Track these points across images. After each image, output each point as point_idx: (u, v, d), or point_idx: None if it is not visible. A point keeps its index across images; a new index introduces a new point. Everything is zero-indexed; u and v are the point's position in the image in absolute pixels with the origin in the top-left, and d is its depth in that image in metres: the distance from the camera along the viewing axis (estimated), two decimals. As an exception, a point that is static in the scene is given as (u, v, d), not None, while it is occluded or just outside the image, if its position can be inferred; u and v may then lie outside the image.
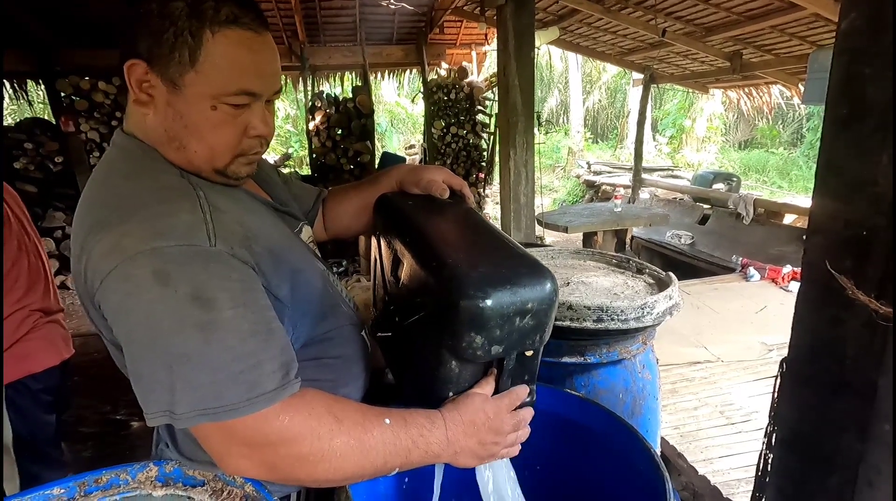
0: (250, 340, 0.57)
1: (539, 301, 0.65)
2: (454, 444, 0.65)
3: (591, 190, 9.03)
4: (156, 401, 0.56)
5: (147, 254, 0.55)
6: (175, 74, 0.62)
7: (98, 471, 0.82)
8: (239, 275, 0.59)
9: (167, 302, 0.54)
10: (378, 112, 5.80)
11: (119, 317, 0.57)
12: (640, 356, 1.24)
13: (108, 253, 0.57)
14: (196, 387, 0.55)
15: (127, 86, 0.65)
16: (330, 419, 0.59)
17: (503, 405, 0.69)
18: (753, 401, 1.97)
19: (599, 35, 5.17)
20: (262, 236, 0.67)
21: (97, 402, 2.86)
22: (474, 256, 0.68)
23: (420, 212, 0.82)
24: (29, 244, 1.48)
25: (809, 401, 0.97)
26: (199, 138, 0.66)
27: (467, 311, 0.61)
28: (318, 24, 5.35)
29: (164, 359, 0.55)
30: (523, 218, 2.65)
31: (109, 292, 0.57)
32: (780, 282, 3.29)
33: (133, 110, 0.67)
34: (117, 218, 0.59)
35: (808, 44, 4.07)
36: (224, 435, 0.57)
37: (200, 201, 0.62)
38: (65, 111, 4.65)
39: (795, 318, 0.98)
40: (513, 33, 2.40)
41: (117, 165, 0.67)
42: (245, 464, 0.59)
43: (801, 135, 13.51)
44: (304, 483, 0.68)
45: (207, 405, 0.55)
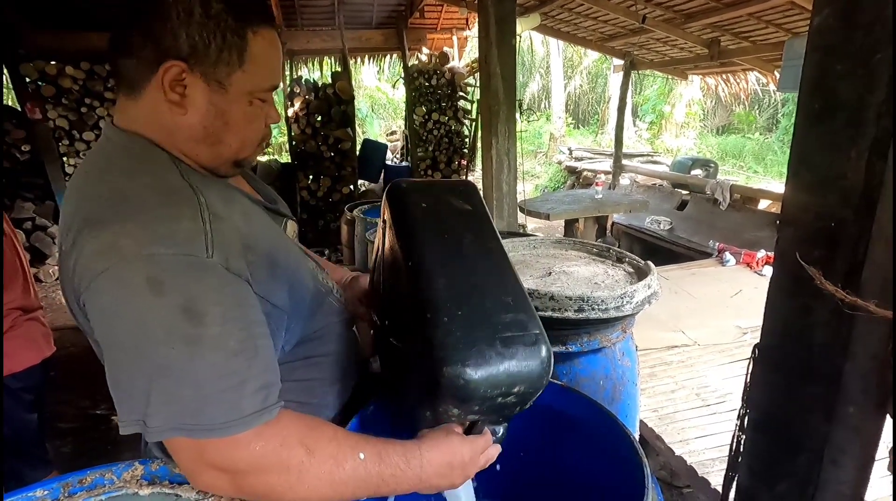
0: (234, 359, 0.56)
1: (528, 384, 0.63)
2: (425, 482, 0.66)
3: (573, 176, 9.09)
4: (130, 410, 0.55)
5: (144, 259, 0.54)
6: (222, 74, 0.64)
7: (82, 471, 0.81)
8: (231, 289, 0.59)
9: (157, 312, 0.54)
10: (358, 97, 5.71)
11: (105, 319, 0.56)
12: (619, 344, 1.27)
13: (102, 252, 0.55)
14: (174, 401, 0.54)
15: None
16: (301, 452, 0.58)
17: (478, 448, 0.70)
18: (727, 383, 2.04)
19: (580, 21, 5.16)
20: (260, 243, 0.67)
21: (76, 397, 2.81)
22: (471, 318, 0.64)
23: (432, 230, 0.75)
24: (5, 241, 1.44)
25: (779, 385, 1.01)
26: (236, 133, 0.68)
27: (449, 386, 0.60)
28: (295, 6, 5.21)
29: (146, 369, 0.54)
30: (506, 206, 2.66)
31: (99, 292, 0.55)
32: (755, 266, 3.38)
33: (143, 107, 0.65)
34: (116, 216, 0.57)
35: (784, 31, 4.13)
36: (195, 453, 0.56)
37: (202, 207, 0.61)
38: (31, 97, 4.46)
39: (767, 306, 1.02)
40: (494, 20, 2.38)
41: (117, 160, 0.65)
42: (214, 483, 0.58)
43: (776, 120, 13.78)
44: None
45: (184, 421, 0.54)
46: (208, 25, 0.62)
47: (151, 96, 0.64)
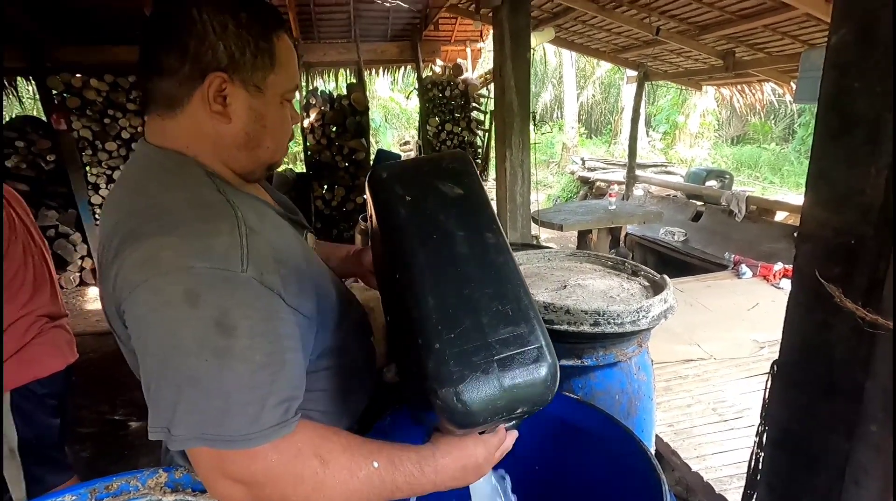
0: (260, 372, 0.57)
1: (531, 404, 0.60)
2: (440, 486, 0.66)
3: (586, 186, 9.07)
4: (158, 417, 0.56)
5: (182, 271, 0.56)
6: (259, 78, 0.68)
7: (108, 478, 0.84)
8: (263, 303, 0.60)
9: (191, 323, 0.55)
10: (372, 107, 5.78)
11: (141, 328, 0.58)
12: (635, 358, 1.27)
13: (142, 264, 0.58)
14: (198, 411, 0.55)
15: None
16: (316, 463, 0.59)
17: (493, 447, 0.69)
18: (745, 398, 2.01)
19: (594, 33, 5.18)
20: (290, 256, 0.68)
21: (95, 402, 2.86)
22: (465, 339, 0.59)
23: (418, 234, 0.68)
24: (34, 249, 1.48)
25: (799, 402, 1.00)
26: (273, 135, 0.73)
27: (446, 414, 0.58)
28: (312, 20, 5.32)
29: (175, 378, 0.55)
30: (519, 218, 2.67)
31: (137, 302, 0.57)
32: (772, 279, 3.34)
33: (182, 123, 0.68)
34: (156, 230, 0.60)
35: (800, 43, 4.11)
36: (215, 463, 0.57)
37: (238, 222, 0.62)
38: (56, 109, 4.59)
39: (786, 322, 1.01)
40: (509, 34, 2.41)
41: (154, 175, 0.67)
42: (231, 494, 0.59)
43: (792, 130, 13.62)
44: None
45: (206, 431, 0.55)
46: (242, 35, 0.66)
47: (193, 111, 0.67)
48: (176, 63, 0.65)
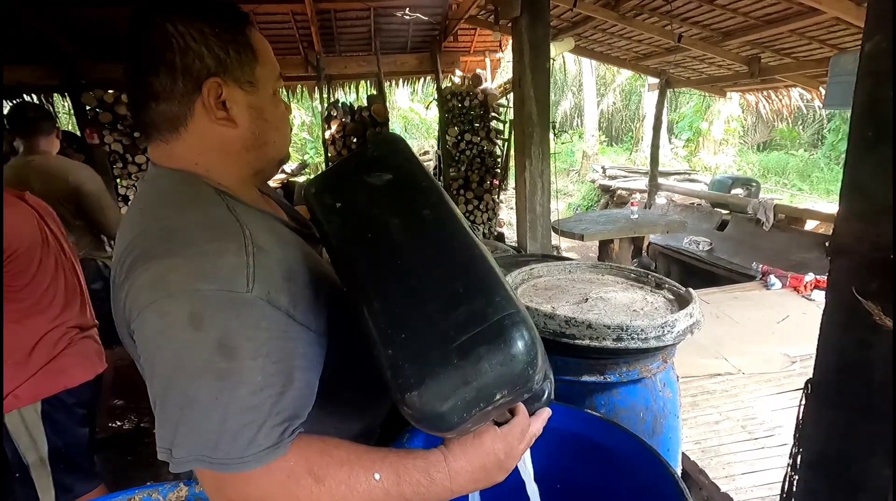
0: (261, 393, 0.56)
1: (511, 384, 0.53)
2: (458, 492, 0.62)
3: (607, 195, 8.96)
4: (162, 438, 0.57)
5: (188, 294, 0.56)
6: (249, 73, 0.68)
7: (130, 491, 0.85)
8: (268, 324, 0.59)
9: (194, 347, 0.55)
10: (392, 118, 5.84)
11: (149, 350, 0.58)
12: (660, 375, 1.23)
13: (150, 285, 0.58)
14: (197, 433, 0.55)
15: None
16: (310, 482, 0.57)
17: (515, 437, 0.64)
18: (777, 415, 1.93)
19: (614, 41, 5.15)
20: (300, 272, 0.67)
21: (124, 410, 2.92)
22: (416, 337, 0.55)
23: (353, 239, 0.65)
24: (65, 262, 1.52)
25: (836, 423, 0.96)
26: (277, 128, 0.73)
27: (420, 421, 0.54)
28: (333, 34, 5.42)
29: (177, 400, 0.55)
30: (539, 228, 2.65)
31: (145, 323, 0.58)
32: (803, 291, 3.22)
33: (188, 140, 0.68)
34: (165, 251, 0.60)
35: (829, 47, 4.00)
36: (215, 485, 0.57)
37: (246, 240, 0.61)
38: (90, 124, 4.77)
39: (821, 339, 0.97)
40: (528, 45, 2.41)
41: (166, 197, 0.67)
42: None
43: (821, 136, 13.24)
44: None
45: (205, 453, 0.54)
46: (221, 36, 0.66)
47: (197, 125, 0.67)
48: (168, 83, 0.64)
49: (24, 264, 1.38)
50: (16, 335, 1.39)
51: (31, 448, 1.43)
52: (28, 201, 1.45)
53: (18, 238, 1.36)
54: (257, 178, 0.76)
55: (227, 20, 0.67)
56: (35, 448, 1.44)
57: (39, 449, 1.44)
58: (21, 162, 2.29)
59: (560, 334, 1.17)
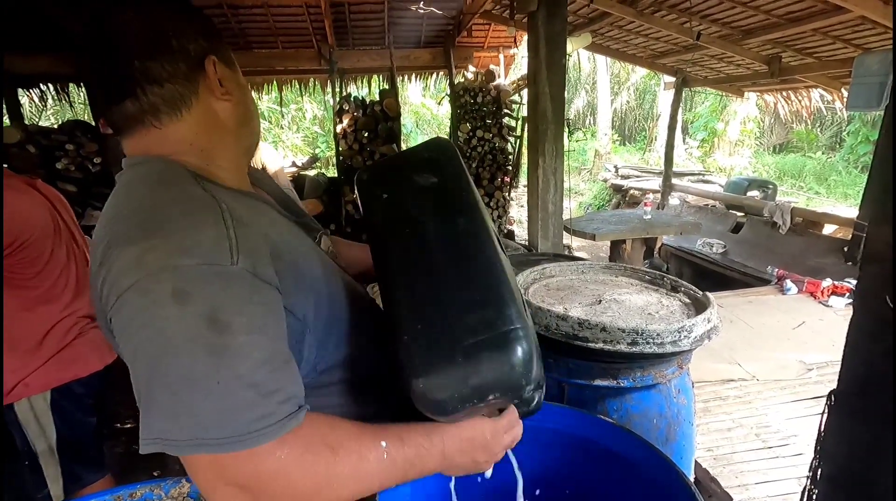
0: (261, 369, 0.54)
1: (502, 389, 0.59)
2: (449, 460, 0.65)
3: (619, 194, 8.88)
4: (150, 426, 0.52)
5: (169, 270, 0.53)
6: (228, 52, 0.69)
7: (133, 485, 0.84)
8: (260, 298, 0.57)
9: (182, 322, 0.51)
10: (404, 113, 5.81)
11: (129, 332, 0.54)
12: (675, 381, 1.20)
13: (128, 268, 0.54)
14: (196, 414, 0.51)
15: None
16: (326, 453, 0.56)
17: (501, 427, 0.68)
18: (792, 424, 1.88)
19: (631, 38, 5.07)
20: (287, 250, 0.65)
21: (130, 399, 2.94)
22: (432, 331, 0.61)
23: (393, 231, 0.71)
24: (77, 252, 1.52)
25: (861, 438, 0.92)
26: (253, 104, 0.74)
27: (421, 404, 0.60)
28: (347, 27, 5.40)
29: (168, 381, 0.51)
30: (551, 227, 2.61)
31: (126, 306, 0.54)
32: (819, 296, 3.15)
33: (190, 121, 0.67)
34: (141, 232, 0.57)
35: (853, 47, 3.90)
36: (215, 471, 0.53)
37: (224, 213, 0.59)
38: (104, 114, 4.81)
39: (847, 349, 0.93)
40: (544, 40, 2.36)
41: (142, 179, 0.65)
42: (232, 496, 0.54)
43: (840, 139, 12.99)
44: None
45: (207, 436, 0.50)
46: (201, 19, 0.68)
47: (201, 103, 0.67)
48: (169, 66, 0.63)
49: (36, 253, 1.37)
50: (27, 324, 1.39)
51: (40, 437, 1.44)
52: (40, 188, 1.45)
53: (30, 226, 1.35)
54: (247, 156, 0.76)
55: (196, 9, 0.68)
56: (44, 437, 1.44)
57: (48, 438, 1.44)
58: None
59: (573, 336, 1.14)
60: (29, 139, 4.68)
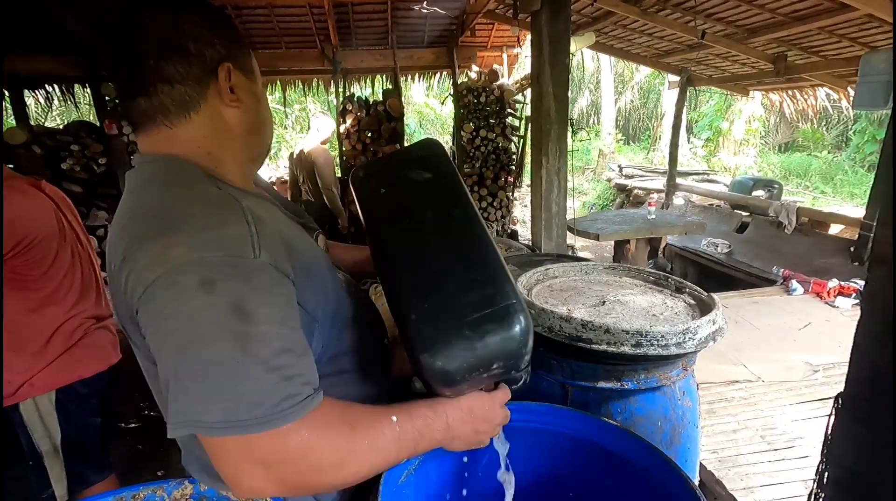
0: (284, 355, 0.56)
1: (506, 358, 0.65)
2: (452, 430, 0.69)
3: (623, 194, 8.84)
4: (180, 411, 0.54)
5: (194, 263, 0.55)
6: (247, 62, 0.72)
7: (136, 487, 0.84)
8: (280, 289, 0.60)
9: (209, 310, 0.54)
10: (407, 113, 5.80)
11: (158, 322, 0.56)
12: (679, 383, 1.19)
13: (153, 263, 0.56)
14: (226, 398, 0.53)
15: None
16: (346, 429, 0.60)
17: (497, 400, 0.74)
18: (797, 426, 1.87)
19: (635, 37, 5.05)
20: (298, 248, 0.68)
21: (135, 399, 2.96)
22: (437, 308, 0.65)
23: (389, 212, 0.77)
24: (82, 253, 1.52)
25: (868, 442, 0.91)
26: (267, 110, 0.77)
27: (431, 376, 0.64)
28: (350, 28, 5.40)
29: (197, 366, 0.54)
30: (554, 227, 2.60)
31: (153, 299, 0.56)
32: (826, 297, 3.13)
33: (197, 123, 0.68)
34: (163, 229, 0.59)
35: (860, 45, 3.86)
36: (243, 452, 0.55)
37: (245, 211, 0.62)
38: (109, 114, 4.83)
39: (854, 351, 0.92)
40: (547, 39, 2.35)
41: (155, 180, 0.67)
42: (258, 484, 0.56)
43: (846, 138, 12.90)
44: (322, 492, 0.69)
45: (238, 417, 0.53)
46: (224, 24, 0.70)
47: (209, 107, 0.69)
48: (183, 67, 0.65)
49: (41, 254, 1.38)
50: (32, 325, 1.39)
51: (44, 437, 1.44)
52: (45, 189, 1.45)
53: (35, 227, 1.36)
54: (254, 165, 0.78)
55: (222, 14, 0.71)
56: (49, 437, 1.45)
57: (53, 438, 1.45)
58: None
59: (576, 337, 1.13)
60: (34, 140, 4.71)
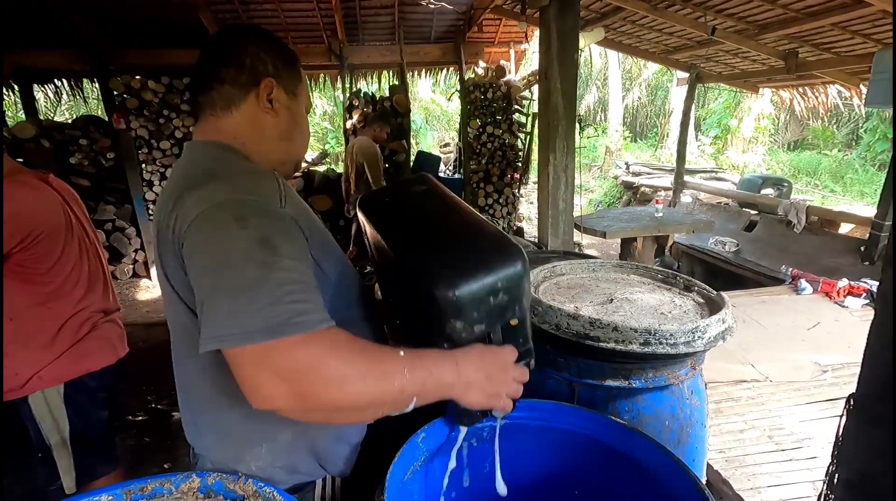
0: (300, 284, 0.66)
1: (508, 279, 0.73)
2: (464, 375, 0.72)
3: (630, 191, 8.80)
4: (213, 327, 0.63)
5: (232, 202, 0.69)
6: (293, 86, 0.89)
7: (143, 480, 0.84)
8: (298, 236, 0.73)
9: (241, 241, 0.66)
10: (413, 109, 5.77)
11: (198, 250, 0.68)
12: (688, 382, 1.18)
13: (199, 201, 0.70)
14: (250, 313, 0.62)
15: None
16: (354, 351, 0.66)
17: (506, 354, 0.78)
18: (806, 427, 1.85)
19: (644, 33, 5.00)
20: (314, 221, 0.84)
21: (142, 391, 2.98)
22: (444, 247, 0.77)
23: (395, 210, 0.92)
24: (89, 246, 1.53)
25: (881, 443, 0.89)
26: (301, 132, 0.93)
27: (442, 302, 0.70)
28: (357, 23, 5.39)
29: (227, 287, 0.64)
30: (561, 224, 2.59)
31: (197, 230, 0.68)
32: (835, 296, 3.10)
33: (236, 118, 0.85)
34: (207, 180, 0.73)
35: (873, 42, 3.81)
36: (260, 360, 0.62)
37: (278, 179, 0.78)
38: (117, 109, 4.85)
39: (868, 352, 0.91)
40: (556, 35, 2.33)
41: (203, 156, 0.83)
42: (277, 391, 0.63)
43: (856, 136, 12.74)
44: (330, 413, 0.69)
45: (256, 327, 0.61)
46: (282, 54, 0.88)
47: (247, 108, 0.85)
48: (235, 74, 0.84)
49: (48, 248, 1.38)
50: (40, 318, 1.40)
51: (53, 429, 1.45)
52: (52, 183, 1.46)
53: (41, 221, 1.36)
54: (281, 167, 0.91)
55: (287, 49, 0.90)
56: (57, 429, 1.46)
57: (62, 430, 1.46)
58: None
59: (584, 335, 1.12)
60: (43, 134, 4.74)
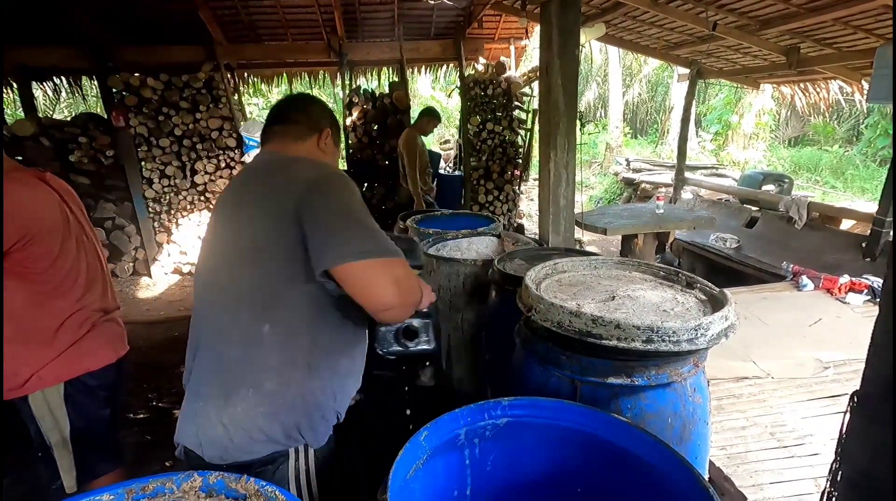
0: (382, 232, 1.04)
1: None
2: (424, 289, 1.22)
3: (630, 188, 8.78)
4: (354, 247, 0.97)
5: (338, 174, 1.08)
6: (337, 137, 1.28)
7: (145, 479, 0.84)
8: None
9: (353, 197, 1.05)
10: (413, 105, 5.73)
11: (321, 204, 1.00)
12: (690, 379, 1.18)
13: (312, 170, 1.08)
14: (376, 240, 0.99)
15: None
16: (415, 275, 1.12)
17: (426, 286, 1.25)
18: (807, 423, 1.85)
19: (644, 29, 4.97)
20: None
21: (143, 390, 2.98)
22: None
23: None
24: (87, 244, 1.51)
25: (884, 440, 0.89)
26: (335, 161, 1.30)
27: None
28: (356, 19, 5.36)
29: (358, 219, 1.01)
30: (562, 221, 2.58)
31: (318, 191, 1.02)
32: (837, 293, 3.09)
33: (308, 149, 1.22)
34: (310, 161, 1.15)
35: (875, 37, 3.79)
36: (385, 269, 0.99)
37: None
38: (116, 106, 4.82)
39: (871, 350, 0.90)
40: (557, 31, 2.32)
41: (290, 153, 1.20)
42: (391, 292, 0.99)
43: (857, 132, 12.71)
44: (410, 308, 1.10)
45: (386, 248, 1.00)
46: (334, 115, 1.29)
47: (310, 143, 1.22)
48: (304, 119, 1.22)
49: (46, 247, 1.37)
50: (39, 318, 1.39)
51: (53, 429, 1.45)
52: (49, 182, 1.44)
53: (39, 220, 1.35)
54: None
55: (335, 118, 1.29)
56: (58, 429, 1.45)
57: (62, 430, 1.45)
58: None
59: (586, 333, 1.12)
60: (43, 132, 4.72)
